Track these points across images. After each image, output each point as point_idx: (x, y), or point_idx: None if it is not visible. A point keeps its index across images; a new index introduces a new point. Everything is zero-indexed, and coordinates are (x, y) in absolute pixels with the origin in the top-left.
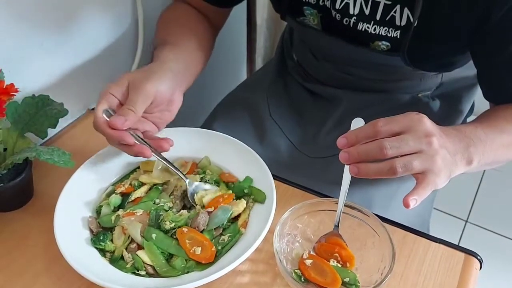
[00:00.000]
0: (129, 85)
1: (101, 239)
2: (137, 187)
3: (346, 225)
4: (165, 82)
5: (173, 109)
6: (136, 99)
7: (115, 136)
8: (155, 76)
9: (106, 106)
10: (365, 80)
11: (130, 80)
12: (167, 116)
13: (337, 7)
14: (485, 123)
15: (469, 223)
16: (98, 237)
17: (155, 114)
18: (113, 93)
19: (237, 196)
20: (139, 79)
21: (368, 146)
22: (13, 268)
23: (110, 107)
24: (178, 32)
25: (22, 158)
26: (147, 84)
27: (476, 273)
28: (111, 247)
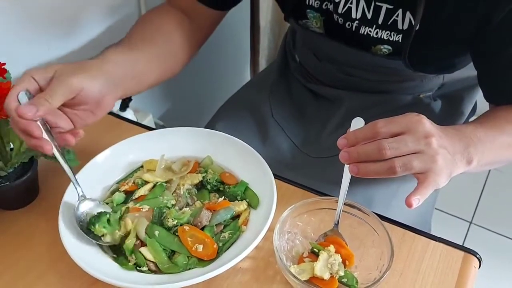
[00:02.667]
0: (56, 73)
1: (92, 221)
2: (140, 186)
3: (346, 223)
4: (96, 82)
5: (99, 112)
6: (56, 90)
7: (22, 125)
8: (87, 74)
9: (22, 88)
10: (367, 81)
11: (58, 70)
12: (89, 118)
13: (340, 11)
14: (485, 123)
15: (474, 224)
16: (90, 221)
17: (76, 112)
18: (35, 77)
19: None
20: (67, 71)
21: (368, 147)
22: (19, 265)
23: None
24: (142, 36)
25: (28, 157)
26: (73, 79)
27: (475, 271)
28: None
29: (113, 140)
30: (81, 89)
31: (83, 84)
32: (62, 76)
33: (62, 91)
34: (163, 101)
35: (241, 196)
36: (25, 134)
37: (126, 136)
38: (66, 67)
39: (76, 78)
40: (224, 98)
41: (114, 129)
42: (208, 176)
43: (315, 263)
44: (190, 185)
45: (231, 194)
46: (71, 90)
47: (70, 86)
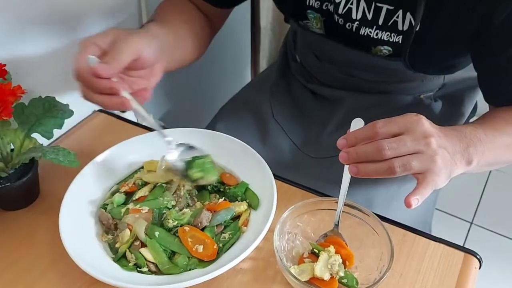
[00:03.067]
0: (115, 37)
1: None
2: (140, 186)
3: (346, 224)
4: (152, 46)
5: (151, 79)
6: (122, 50)
7: (104, 84)
8: (143, 38)
9: (88, 54)
10: (367, 82)
11: (117, 33)
12: (143, 85)
13: (340, 11)
14: (485, 124)
15: (474, 224)
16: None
17: (132, 79)
18: (96, 42)
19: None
20: (125, 33)
21: (367, 147)
22: (20, 265)
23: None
24: (170, 16)
25: (28, 158)
26: (136, 39)
27: (475, 272)
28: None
29: (113, 141)
30: (142, 50)
31: (143, 45)
32: (122, 38)
33: (128, 51)
34: (164, 102)
35: (242, 197)
36: (106, 95)
37: (127, 137)
38: (123, 32)
39: (138, 39)
40: (224, 99)
41: (114, 130)
42: None
43: (315, 263)
44: (190, 186)
45: (232, 195)
46: (135, 50)
47: (134, 46)
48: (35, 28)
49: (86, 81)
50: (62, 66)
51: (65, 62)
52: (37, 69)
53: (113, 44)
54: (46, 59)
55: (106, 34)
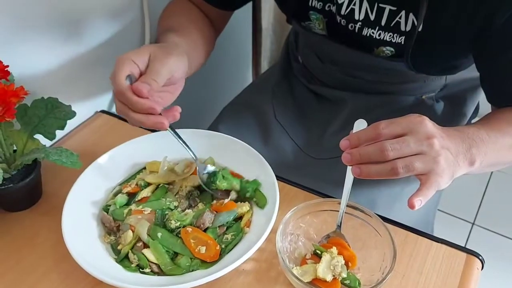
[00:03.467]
0: (150, 56)
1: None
2: (143, 187)
3: (348, 225)
4: (182, 62)
5: (175, 92)
6: (159, 70)
7: (145, 104)
8: (175, 55)
9: (127, 71)
10: (370, 82)
11: (152, 51)
12: (168, 98)
13: (343, 12)
14: (487, 125)
15: (476, 225)
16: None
17: (158, 94)
18: (135, 61)
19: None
20: (160, 52)
21: (370, 148)
22: (23, 266)
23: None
24: (180, 23)
25: (31, 159)
26: (171, 59)
27: (478, 273)
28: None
29: (115, 142)
30: (176, 70)
31: (177, 64)
32: (159, 58)
33: (165, 71)
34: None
35: (251, 194)
36: (144, 115)
37: (129, 138)
38: (157, 49)
39: (172, 58)
40: (226, 100)
41: (116, 130)
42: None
43: (317, 264)
44: (192, 186)
45: (243, 188)
46: (170, 70)
47: (169, 67)
48: (38, 29)
49: (125, 98)
50: (64, 67)
51: (68, 63)
52: (39, 70)
53: (150, 64)
54: (49, 60)
55: (142, 52)
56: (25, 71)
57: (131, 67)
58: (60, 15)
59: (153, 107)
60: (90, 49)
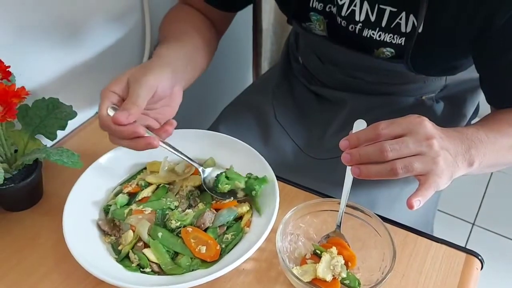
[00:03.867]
0: (128, 80)
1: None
2: (143, 187)
3: (348, 225)
4: (164, 76)
5: (173, 104)
6: (138, 92)
7: (126, 130)
8: (155, 70)
9: (108, 104)
10: (370, 83)
11: (130, 76)
12: (168, 112)
13: (343, 14)
14: (486, 125)
15: (476, 225)
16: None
17: (156, 110)
18: (114, 90)
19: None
20: (138, 73)
21: (370, 148)
22: (24, 266)
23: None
24: (181, 29)
25: (32, 159)
26: (148, 77)
27: (477, 273)
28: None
29: None
30: (157, 86)
31: (156, 80)
32: (137, 80)
33: (144, 92)
34: None
35: (256, 192)
36: (129, 141)
37: None
38: (135, 71)
39: (150, 76)
40: (226, 101)
41: None
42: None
43: (317, 264)
44: (193, 186)
45: (249, 186)
46: (150, 88)
47: (148, 85)
48: (40, 30)
49: (110, 129)
50: (65, 67)
51: (69, 63)
52: (40, 70)
53: (129, 88)
54: (50, 60)
55: (121, 79)
56: (26, 72)
57: (111, 98)
58: (62, 16)
59: (135, 130)
60: (91, 49)
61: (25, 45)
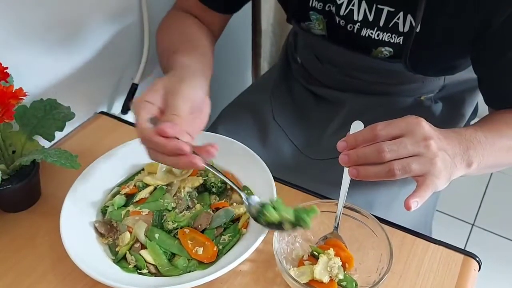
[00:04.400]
0: (165, 91)
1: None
2: (141, 188)
3: (345, 226)
4: (198, 85)
5: (203, 116)
6: (178, 103)
7: (170, 145)
8: (189, 80)
9: (147, 114)
10: (368, 83)
11: (165, 86)
12: (199, 124)
13: (342, 13)
14: (485, 126)
15: (476, 226)
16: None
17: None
18: (151, 101)
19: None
20: (174, 83)
21: (367, 149)
22: (21, 267)
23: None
24: (191, 37)
25: (30, 160)
26: (185, 88)
27: (475, 274)
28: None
29: (114, 142)
30: (195, 96)
31: (193, 90)
32: (174, 90)
33: (185, 103)
34: None
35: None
36: (175, 156)
37: (128, 139)
38: (169, 81)
39: (187, 86)
40: (225, 101)
41: (115, 131)
42: (211, 179)
43: (314, 266)
44: (190, 188)
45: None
46: (189, 99)
47: (187, 96)
48: (38, 31)
49: (152, 143)
50: (63, 68)
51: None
52: (38, 71)
53: (166, 99)
54: (48, 61)
55: (155, 89)
56: (24, 73)
57: (149, 109)
58: (60, 17)
59: (180, 147)
60: (89, 50)
61: (23, 46)
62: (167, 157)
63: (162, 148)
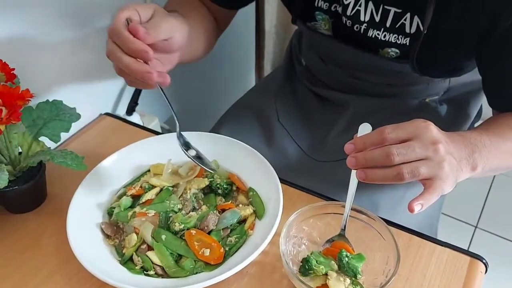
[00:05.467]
0: (154, 12)
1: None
2: (147, 190)
3: (352, 228)
4: (184, 31)
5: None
6: (161, 25)
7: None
8: (179, 20)
9: (128, 14)
10: (373, 85)
11: (156, 10)
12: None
13: (348, 13)
14: (489, 129)
15: (479, 228)
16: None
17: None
18: (138, 10)
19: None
20: (165, 13)
21: (375, 153)
22: (27, 268)
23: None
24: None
25: (36, 161)
26: (173, 20)
27: (481, 276)
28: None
29: (119, 144)
30: (176, 32)
31: (178, 28)
32: (162, 15)
33: (166, 29)
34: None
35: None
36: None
37: (133, 140)
38: (162, 9)
39: (174, 21)
40: (229, 103)
41: (120, 133)
42: (216, 181)
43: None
44: (196, 189)
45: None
46: (171, 30)
47: (171, 26)
48: (43, 32)
49: (120, 37)
50: (69, 70)
51: (72, 65)
52: (44, 73)
53: (152, 18)
54: (54, 63)
55: (147, 6)
56: (30, 74)
57: (132, 13)
58: (65, 19)
59: (146, 50)
60: (95, 52)
61: (29, 48)
62: (125, 56)
63: (127, 42)
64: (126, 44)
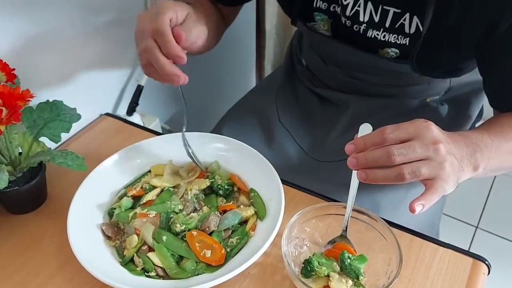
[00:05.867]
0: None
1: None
2: (148, 190)
3: (354, 229)
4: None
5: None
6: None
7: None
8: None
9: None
10: (374, 85)
11: (190, 12)
12: None
13: (347, 14)
14: (491, 130)
15: (479, 229)
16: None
17: None
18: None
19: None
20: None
21: (376, 153)
22: (28, 269)
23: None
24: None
25: (36, 161)
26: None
27: (484, 278)
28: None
29: (120, 144)
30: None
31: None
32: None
33: (195, 34)
34: (170, 105)
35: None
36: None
37: (133, 140)
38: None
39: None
40: (230, 103)
41: (121, 133)
42: (217, 181)
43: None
44: (197, 190)
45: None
46: (199, 36)
47: (199, 32)
48: (44, 33)
49: (164, 39)
50: (69, 70)
51: (73, 66)
52: (44, 73)
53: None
54: (54, 63)
55: (183, 7)
56: (30, 74)
57: (173, 15)
58: (66, 19)
59: (182, 56)
60: (95, 52)
61: (30, 48)
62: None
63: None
64: (167, 47)
